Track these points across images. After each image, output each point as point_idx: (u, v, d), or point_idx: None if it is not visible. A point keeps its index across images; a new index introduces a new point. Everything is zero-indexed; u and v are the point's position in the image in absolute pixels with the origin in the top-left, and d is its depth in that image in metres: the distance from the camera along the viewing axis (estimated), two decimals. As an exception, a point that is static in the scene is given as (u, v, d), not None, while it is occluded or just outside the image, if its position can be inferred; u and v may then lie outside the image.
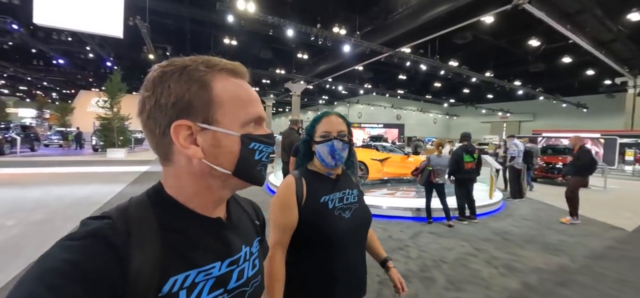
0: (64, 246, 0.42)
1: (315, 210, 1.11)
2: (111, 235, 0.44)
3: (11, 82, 33.43)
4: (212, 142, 0.52)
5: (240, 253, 0.59)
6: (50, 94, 40.79)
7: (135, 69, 27.45)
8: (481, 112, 46.20)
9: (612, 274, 3.63)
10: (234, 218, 0.62)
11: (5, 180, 7.79)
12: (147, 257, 0.45)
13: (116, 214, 0.48)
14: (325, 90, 37.14)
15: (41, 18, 7.15)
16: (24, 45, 19.27)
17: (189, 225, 0.52)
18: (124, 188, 7.27)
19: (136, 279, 0.43)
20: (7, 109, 31.94)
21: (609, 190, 10.22)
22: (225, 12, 12.84)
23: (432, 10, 13.85)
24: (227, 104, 0.53)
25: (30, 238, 3.84)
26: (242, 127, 0.54)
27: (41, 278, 0.38)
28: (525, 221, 5.86)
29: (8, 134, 15.27)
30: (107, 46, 18.51)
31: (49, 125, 28.17)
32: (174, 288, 0.47)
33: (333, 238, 1.10)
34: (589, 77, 26.23)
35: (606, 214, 6.61)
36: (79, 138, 20.56)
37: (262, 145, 0.55)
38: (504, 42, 20.45)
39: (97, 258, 0.42)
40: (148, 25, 14.33)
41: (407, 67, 21.86)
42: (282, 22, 14.17)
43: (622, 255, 4.30)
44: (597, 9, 15.00)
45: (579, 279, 3.51)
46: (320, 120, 1.21)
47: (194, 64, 0.52)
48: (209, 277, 0.52)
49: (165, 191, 0.54)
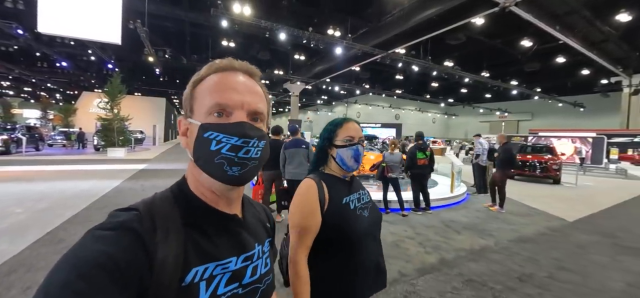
0: (96, 236, 0.44)
1: (339, 212, 1.14)
2: (139, 228, 0.46)
3: (16, 83, 34.24)
4: (189, 133, 0.56)
5: (254, 250, 0.61)
6: (54, 95, 41.54)
7: (136, 71, 28.09)
8: (480, 111, 46.46)
9: (526, 254, 4.07)
10: (247, 217, 0.64)
11: (14, 176, 8.45)
12: (171, 249, 0.47)
13: (143, 208, 0.50)
14: (323, 91, 37.57)
15: (45, 27, 7.73)
16: (29, 49, 19.93)
17: (207, 220, 0.55)
18: (120, 184, 7.86)
19: (161, 270, 0.45)
20: (13, 110, 32.68)
21: (580, 186, 10.62)
22: (220, 17, 13.29)
23: (422, 12, 14.13)
24: (200, 96, 0.55)
25: (35, 222, 4.50)
26: (206, 116, 0.54)
27: (74, 266, 0.40)
28: (476, 212, 6.33)
29: (14, 134, 15.87)
30: (108, 49, 19.09)
31: (53, 126, 28.80)
32: (195, 279, 0.49)
33: (356, 237, 1.14)
34: (585, 77, 26.30)
35: (560, 207, 7.04)
36: (82, 138, 21.17)
37: (221, 134, 0.53)
38: (498, 43, 20.75)
39: (127, 249, 0.43)
40: (147, 29, 14.86)
41: (403, 68, 22.19)
42: (274, 26, 14.60)
43: (547, 240, 4.75)
44: (586, 10, 15.26)
45: (491, 256, 3.96)
46: (341, 126, 1.23)
47: (202, 69, 0.57)
48: (226, 271, 0.54)
49: (187, 186, 0.57)
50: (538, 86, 31.84)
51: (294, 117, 30.43)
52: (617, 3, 14.90)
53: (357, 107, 44.74)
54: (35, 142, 17.60)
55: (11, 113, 31.07)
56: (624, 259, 4.01)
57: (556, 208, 6.95)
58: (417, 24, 14.59)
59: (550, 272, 3.56)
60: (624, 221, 5.99)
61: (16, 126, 17.59)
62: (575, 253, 4.20)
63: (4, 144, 14.50)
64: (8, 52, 21.96)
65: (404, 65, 20.55)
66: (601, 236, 5.00)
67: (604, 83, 26.92)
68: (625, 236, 5.01)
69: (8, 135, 15.19)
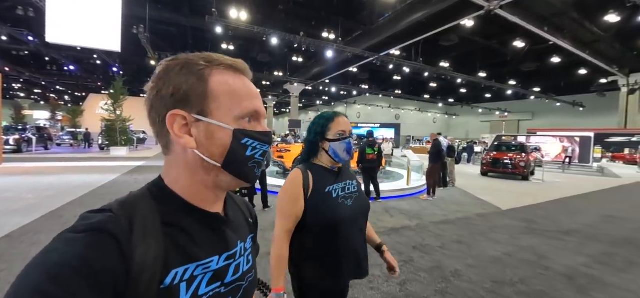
0: (67, 239, 0.42)
1: (321, 199, 1.21)
2: (114, 229, 0.44)
3: (27, 86, 35.61)
4: (205, 134, 0.52)
5: (236, 248, 0.60)
6: (63, 97, 42.86)
7: (140, 73, 29.11)
8: (479, 111, 46.62)
9: (436, 232, 4.65)
10: (230, 214, 0.63)
11: (25, 171, 9.40)
12: (149, 250, 0.45)
13: (117, 208, 0.48)
14: (323, 92, 38.14)
15: (52, 37, 8.61)
16: (39, 53, 20.98)
17: (188, 219, 0.53)
18: (117, 177, 8.74)
19: (139, 272, 0.44)
20: (23, 111, 33.96)
21: (547, 182, 11.12)
22: (215, 23, 14.01)
23: (411, 15, 14.44)
24: (222, 98, 0.53)
25: (42, 204, 5.37)
26: (237, 121, 0.54)
27: (45, 271, 0.38)
28: (421, 202, 6.87)
29: (25, 135, 16.80)
30: (113, 54, 19.99)
31: (61, 127, 29.89)
32: (175, 281, 0.48)
33: (337, 223, 1.20)
34: (583, 77, 26.16)
35: (505, 199, 7.52)
36: (88, 138, 22.19)
37: (256, 141, 0.55)
38: (494, 43, 20.72)
39: (101, 252, 0.42)
40: (148, 34, 15.68)
41: (399, 69, 22.59)
42: (267, 31, 15.25)
43: (465, 223, 5.28)
44: (573, 12, 15.48)
45: (404, 232, 4.56)
46: (333, 120, 1.29)
47: (195, 59, 0.53)
48: (208, 271, 0.52)
49: (165, 184, 0.54)
50: (536, 86, 31.85)
51: (294, 117, 31.04)
52: (605, 4, 14.96)
53: (356, 107, 45.19)
54: (44, 142, 18.59)
55: (22, 114, 32.30)
56: (521, 238, 4.55)
57: (501, 200, 7.43)
58: (407, 26, 14.98)
59: (444, 243, 4.14)
60: (552, 211, 6.43)
61: (27, 127, 18.57)
62: (481, 232, 4.76)
63: (16, 143, 15.41)
64: (19, 56, 23.14)
65: (395, 67, 20.98)
66: (519, 221, 5.50)
67: (603, 83, 26.79)
68: (540, 222, 5.50)
69: (19, 135, 16.14)
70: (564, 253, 3.88)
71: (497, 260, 3.58)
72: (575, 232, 4.89)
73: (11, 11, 14.82)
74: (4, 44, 19.20)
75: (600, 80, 26.69)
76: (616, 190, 10.08)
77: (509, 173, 11.55)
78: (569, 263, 3.54)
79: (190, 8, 16.79)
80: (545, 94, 33.43)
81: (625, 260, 3.72)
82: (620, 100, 25.64)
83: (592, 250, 4.03)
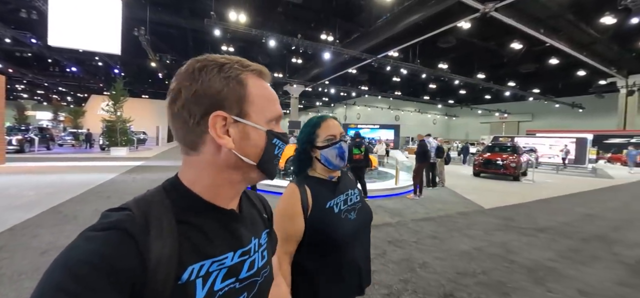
0: (88, 237, 0.44)
1: (322, 217, 1.11)
2: (131, 227, 0.46)
3: (30, 87, 36.10)
4: (242, 134, 0.55)
5: (250, 244, 0.61)
6: (65, 97, 43.33)
7: (142, 75, 29.47)
8: (479, 113, 46.72)
9: (415, 228, 4.82)
10: (244, 210, 0.64)
11: (28, 170, 9.72)
12: (165, 248, 0.47)
13: (134, 206, 0.50)
14: (323, 93, 38.37)
15: (54, 40, 8.94)
16: (41, 55, 21.37)
17: (204, 217, 0.55)
18: (115, 176, 9.01)
19: (156, 269, 0.45)
20: (26, 112, 34.43)
21: (537, 183, 11.34)
22: (213, 26, 14.26)
23: (408, 17, 14.63)
24: (257, 101, 0.56)
25: (43, 201, 5.63)
26: (268, 123, 0.57)
27: (67, 268, 0.40)
28: (407, 201, 7.07)
29: (28, 135, 17.18)
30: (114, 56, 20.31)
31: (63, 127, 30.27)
32: (191, 277, 0.49)
33: (340, 241, 1.11)
34: (582, 78, 26.22)
35: (490, 199, 7.74)
36: (89, 138, 22.59)
37: (281, 141, 0.59)
38: (492, 45, 20.91)
39: (119, 249, 0.43)
40: (148, 37, 15.99)
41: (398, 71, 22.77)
42: (264, 34, 15.49)
43: (445, 220, 5.48)
44: (569, 14, 15.62)
45: (384, 228, 4.74)
46: (319, 125, 1.20)
47: (230, 63, 0.56)
48: (223, 267, 0.54)
49: (181, 183, 0.56)
50: (536, 87, 31.96)
51: (293, 118, 31.29)
52: (600, 6, 15.05)
53: (356, 108, 45.40)
54: (46, 142, 18.91)
55: (25, 115, 32.75)
56: (495, 234, 4.77)
57: (486, 199, 7.63)
58: (404, 28, 15.21)
59: (420, 238, 4.34)
60: (533, 210, 6.64)
61: (29, 127, 18.91)
62: (458, 229, 4.96)
63: (19, 144, 15.74)
64: (23, 58, 23.52)
65: (393, 68, 21.16)
66: (498, 219, 5.71)
67: (602, 84, 26.80)
68: (518, 220, 5.71)
69: (22, 135, 16.49)
70: (532, 249, 4.09)
71: (465, 254, 3.80)
72: (549, 229, 5.09)
73: (15, 14, 15.16)
74: (8, 46, 19.62)
75: (600, 82, 26.70)
76: (605, 191, 10.25)
77: (500, 173, 11.74)
78: (535, 258, 3.75)
79: (191, 11, 17.06)
80: (544, 96, 33.55)
81: (590, 255, 3.93)
82: (619, 102, 25.72)
83: (561, 246, 4.24)
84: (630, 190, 10.36)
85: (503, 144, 14.30)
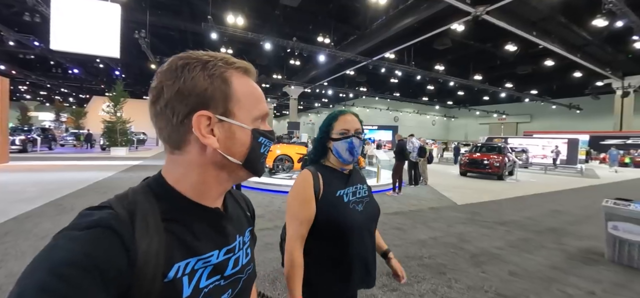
0: (70, 236, 0.42)
1: (332, 203, 1.16)
2: (116, 225, 0.45)
3: (33, 88, 36.80)
4: (227, 133, 0.54)
5: (235, 242, 0.61)
6: (68, 98, 44.02)
7: (143, 76, 30.00)
8: (477, 114, 46.98)
9: (383, 220, 4.85)
10: (229, 209, 0.64)
11: (30, 168, 10.22)
12: (151, 245, 0.47)
13: (117, 204, 0.49)
14: (322, 94, 38.75)
15: (56, 45, 9.47)
16: (44, 57, 21.91)
17: (189, 215, 0.54)
18: (112, 174, 9.50)
19: (143, 267, 0.45)
20: (29, 113, 35.08)
21: (521, 181, 11.79)
22: (210, 29, 14.69)
23: (402, 20, 15.00)
24: (243, 100, 0.56)
25: (44, 196, 6.09)
26: (253, 121, 0.57)
27: (50, 269, 0.38)
28: (385, 197, 7.42)
29: (30, 135, 17.80)
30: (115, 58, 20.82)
31: (65, 128, 30.85)
32: (178, 275, 0.49)
33: (348, 230, 1.15)
34: (579, 80, 26.38)
35: (466, 196, 8.11)
36: (89, 138, 23.23)
37: (266, 139, 0.59)
38: (489, 47, 21.09)
39: (105, 248, 0.42)
40: (148, 40, 16.44)
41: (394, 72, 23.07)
42: (260, 37, 15.89)
43: (415, 214, 5.85)
44: (560, 16, 15.90)
45: None
46: (337, 119, 1.25)
47: (214, 60, 0.54)
48: (208, 265, 0.54)
49: (166, 181, 0.55)
50: (533, 88, 32.15)
51: (292, 119, 31.70)
52: (591, 9, 15.21)
53: (355, 109, 45.66)
54: (48, 142, 19.57)
55: (28, 115, 33.38)
56: (456, 226, 5.15)
57: (462, 196, 7.99)
58: (399, 31, 15.63)
59: (384, 229, 4.65)
60: (504, 206, 7.01)
61: (32, 128, 19.49)
62: (423, 222, 5.32)
63: (21, 144, 16.32)
64: (26, 60, 24.05)
65: (388, 70, 21.49)
66: (465, 214, 6.07)
67: (599, 85, 26.89)
68: (485, 214, 6.09)
69: (25, 136, 17.07)
70: (485, 239, 4.48)
71: (421, 242, 4.20)
72: (511, 222, 5.48)
73: (18, 17, 15.67)
74: (12, 49, 20.18)
75: (596, 83, 26.83)
76: (584, 189, 10.60)
77: (485, 173, 12.11)
78: (484, 246, 4.14)
79: (191, 13, 17.45)
80: (541, 97, 33.79)
81: (537, 245, 4.31)
82: (615, 103, 25.96)
83: (514, 237, 4.63)
84: (609, 189, 10.69)
85: (490, 144, 14.66)
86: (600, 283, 3.15)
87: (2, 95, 11.34)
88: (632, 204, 3.64)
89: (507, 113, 44.16)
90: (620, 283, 3.20)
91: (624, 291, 3.03)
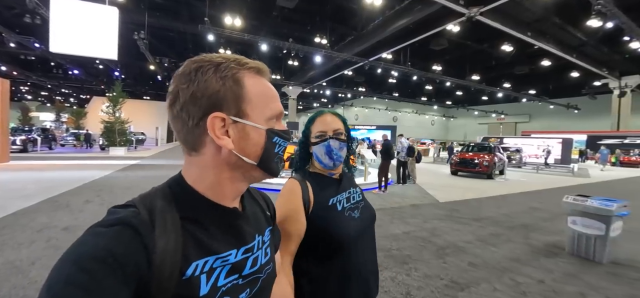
0: (95, 232, 0.45)
1: (325, 214, 1.05)
2: (137, 223, 0.47)
3: (34, 89, 37.31)
4: (241, 134, 0.55)
5: (254, 242, 0.62)
6: (68, 99, 44.48)
7: (142, 77, 30.36)
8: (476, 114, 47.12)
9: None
10: (247, 208, 0.65)
11: (30, 167, 10.55)
12: (169, 243, 0.48)
13: (140, 203, 0.51)
14: (321, 94, 39.00)
15: (56, 47, 9.76)
16: (45, 58, 22.27)
17: (207, 215, 0.55)
18: (110, 173, 9.78)
19: (161, 264, 0.46)
20: (30, 113, 35.48)
21: (510, 180, 12.07)
22: (207, 30, 14.95)
23: (398, 21, 15.25)
24: (256, 100, 0.56)
25: (41, 192, 6.40)
26: (267, 121, 0.57)
27: (75, 262, 0.41)
28: (372, 195, 7.63)
29: (31, 135, 18.16)
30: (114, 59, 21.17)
31: (65, 128, 31.21)
32: (196, 273, 0.50)
33: (345, 240, 1.04)
34: (577, 80, 26.55)
35: (451, 194, 8.34)
36: (88, 138, 23.59)
37: (281, 139, 0.59)
38: (486, 47, 21.25)
39: (126, 244, 0.45)
40: (147, 41, 16.71)
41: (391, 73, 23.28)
42: (257, 38, 16.14)
43: (395, 211, 6.05)
44: (555, 17, 16.04)
45: None
46: (314, 120, 1.16)
47: (226, 62, 0.55)
48: (226, 263, 0.55)
49: (185, 181, 0.56)
50: (530, 89, 32.29)
51: (291, 119, 31.97)
52: (584, 10, 15.26)
53: (354, 109, 46.03)
54: (48, 142, 19.97)
55: (29, 116, 33.80)
56: (432, 222, 5.37)
57: (446, 195, 8.16)
58: (395, 31, 15.89)
59: None
60: (484, 204, 7.20)
61: (33, 128, 19.85)
62: (401, 218, 5.52)
63: (22, 143, 16.66)
64: (27, 61, 24.45)
65: (384, 70, 21.71)
66: (444, 211, 6.27)
67: (596, 85, 26.98)
68: (463, 211, 6.28)
69: (26, 136, 17.44)
70: (457, 234, 4.72)
71: (393, 236, 4.45)
72: (486, 219, 5.72)
73: (19, 19, 16.01)
74: (13, 50, 20.55)
75: (594, 83, 26.88)
76: (571, 188, 10.76)
77: (475, 172, 12.33)
78: (453, 240, 4.39)
79: (190, 15, 17.66)
80: (538, 97, 33.94)
81: (504, 239, 4.56)
82: (613, 103, 26.11)
83: (484, 232, 4.87)
84: (594, 188, 10.89)
85: (481, 143, 14.87)
86: (551, 273, 3.39)
87: (3, 96, 11.67)
88: (589, 200, 3.88)
89: (506, 113, 44.31)
90: (571, 273, 3.44)
91: (573, 280, 3.27)
